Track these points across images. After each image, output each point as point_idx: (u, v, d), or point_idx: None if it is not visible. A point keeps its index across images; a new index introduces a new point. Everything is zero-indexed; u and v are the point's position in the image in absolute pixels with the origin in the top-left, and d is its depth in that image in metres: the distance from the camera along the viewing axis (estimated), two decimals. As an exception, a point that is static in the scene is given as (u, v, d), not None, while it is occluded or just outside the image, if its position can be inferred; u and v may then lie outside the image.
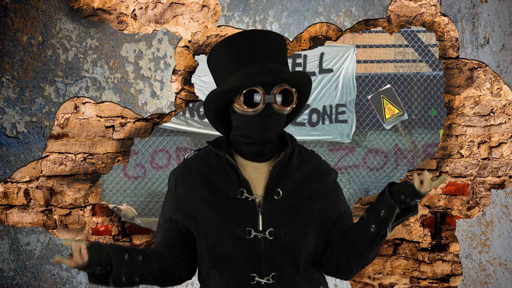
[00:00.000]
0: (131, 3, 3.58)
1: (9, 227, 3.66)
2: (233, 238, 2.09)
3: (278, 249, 2.09)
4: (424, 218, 3.72)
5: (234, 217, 2.10)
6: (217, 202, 2.12)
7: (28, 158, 3.61)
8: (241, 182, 2.11)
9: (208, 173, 2.15)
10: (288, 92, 2.08)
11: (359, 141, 8.57)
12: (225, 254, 2.10)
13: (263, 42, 2.09)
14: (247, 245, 2.08)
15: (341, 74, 8.15)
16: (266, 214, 2.10)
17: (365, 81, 8.50)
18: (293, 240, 2.10)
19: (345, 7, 3.60)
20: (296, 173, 2.15)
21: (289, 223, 2.10)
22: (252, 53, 2.07)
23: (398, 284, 3.76)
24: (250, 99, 2.05)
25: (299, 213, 2.12)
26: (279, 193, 2.11)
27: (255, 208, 2.10)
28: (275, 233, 2.09)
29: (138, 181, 8.14)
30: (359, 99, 8.39)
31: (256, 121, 2.07)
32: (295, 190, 2.14)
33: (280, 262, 2.10)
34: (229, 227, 2.09)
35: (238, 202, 2.10)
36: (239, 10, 3.60)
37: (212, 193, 2.12)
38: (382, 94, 8.15)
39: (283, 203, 2.11)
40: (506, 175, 3.62)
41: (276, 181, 2.13)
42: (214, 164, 2.16)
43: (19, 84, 3.58)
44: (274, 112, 2.07)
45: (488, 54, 3.58)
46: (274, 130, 2.10)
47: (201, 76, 7.51)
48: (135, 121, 3.65)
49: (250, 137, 2.11)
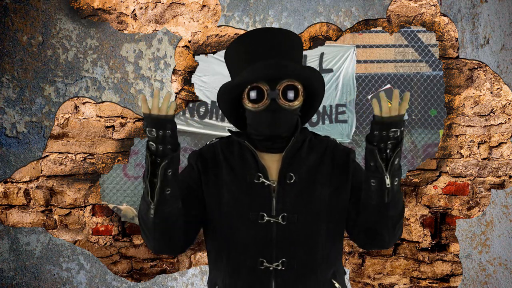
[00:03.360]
0: (131, 3, 3.58)
1: (9, 227, 3.65)
2: (246, 222, 2.10)
3: (291, 235, 2.09)
4: (424, 218, 3.72)
5: (249, 201, 2.11)
6: (234, 185, 2.13)
7: (28, 158, 3.61)
8: (259, 167, 2.13)
9: (230, 157, 2.17)
10: (293, 87, 2.09)
11: (359, 141, 8.57)
12: (235, 238, 2.11)
13: (276, 40, 2.11)
14: (259, 229, 2.09)
15: (341, 74, 8.15)
16: (280, 199, 2.10)
17: (365, 81, 8.50)
18: (307, 226, 2.10)
19: (345, 7, 3.60)
20: (307, 158, 2.16)
21: (303, 207, 2.11)
22: (263, 50, 2.09)
23: (398, 284, 3.76)
24: (254, 95, 2.09)
25: (313, 197, 2.12)
26: (292, 177, 2.12)
27: (270, 193, 2.11)
28: (288, 218, 2.09)
29: (138, 181, 8.14)
30: (359, 99, 8.39)
31: (263, 116, 2.10)
32: (308, 174, 2.14)
33: (292, 248, 2.10)
34: (243, 210, 2.10)
35: (254, 186, 2.12)
36: (239, 10, 3.60)
37: (231, 177, 2.14)
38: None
39: (296, 187, 2.12)
40: (506, 175, 3.62)
41: (289, 166, 2.14)
42: (236, 150, 2.19)
43: (19, 84, 3.58)
44: (281, 108, 2.09)
45: (488, 54, 3.58)
46: (283, 125, 2.11)
47: (201, 76, 7.51)
48: (135, 121, 3.65)
49: (261, 132, 2.13)
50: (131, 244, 3.72)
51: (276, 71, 2.07)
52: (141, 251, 3.72)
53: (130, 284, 3.72)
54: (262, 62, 2.07)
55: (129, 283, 3.72)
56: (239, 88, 2.11)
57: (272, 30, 2.17)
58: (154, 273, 3.73)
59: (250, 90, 2.09)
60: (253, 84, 2.09)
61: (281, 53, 2.10)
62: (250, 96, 2.09)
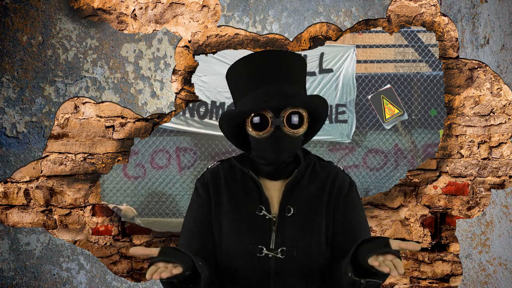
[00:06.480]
0: (131, 3, 3.58)
1: (9, 227, 3.65)
2: (245, 254, 2.09)
3: (289, 268, 2.09)
4: (424, 218, 3.72)
5: (249, 233, 2.10)
6: (235, 215, 2.13)
7: (28, 158, 3.61)
8: (262, 199, 2.12)
9: (233, 186, 2.17)
10: (297, 115, 2.07)
11: (359, 141, 8.57)
12: (234, 267, 2.11)
13: (280, 64, 2.09)
14: (257, 262, 2.09)
15: (341, 74, 8.14)
16: (280, 233, 2.10)
17: (365, 81, 8.50)
18: (305, 259, 2.09)
19: (345, 7, 3.60)
20: (308, 188, 2.15)
21: (302, 241, 2.10)
22: (266, 75, 2.07)
23: (398, 284, 3.76)
24: (258, 122, 2.07)
25: (311, 229, 2.11)
26: (290, 210, 2.11)
27: (270, 226, 2.11)
28: (287, 252, 2.08)
29: (138, 181, 8.14)
30: (359, 99, 8.39)
31: (268, 143, 2.08)
32: (307, 204, 2.13)
33: (289, 281, 2.09)
34: (243, 242, 2.10)
35: (255, 218, 2.11)
36: (239, 10, 3.60)
37: (232, 206, 2.14)
38: (382, 94, 8.15)
39: (295, 220, 2.11)
40: (506, 175, 3.62)
41: (288, 199, 2.13)
42: (238, 178, 2.18)
43: (19, 84, 3.58)
44: (285, 135, 2.07)
45: (488, 54, 3.58)
46: (287, 152, 2.10)
47: (201, 76, 7.51)
48: (135, 121, 3.65)
49: (265, 158, 2.12)
50: (131, 244, 3.72)
51: (280, 101, 2.04)
52: (141, 251, 3.72)
53: (130, 284, 3.72)
54: (266, 89, 2.04)
55: (129, 283, 3.72)
56: (244, 115, 2.09)
57: (275, 53, 2.14)
58: (154, 273, 3.72)
59: (254, 117, 2.07)
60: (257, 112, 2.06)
61: (285, 78, 2.07)
62: (254, 123, 2.07)
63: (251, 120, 2.07)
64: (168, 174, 8.16)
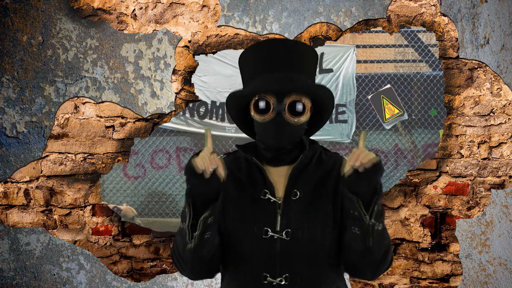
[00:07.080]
0: (131, 3, 3.58)
1: (9, 227, 3.65)
2: (250, 237, 2.10)
3: (294, 250, 2.09)
4: (424, 218, 3.72)
5: (254, 217, 2.12)
6: (240, 201, 2.14)
7: (28, 158, 3.61)
8: (267, 184, 2.14)
9: (238, 174, 2.18)
10: (300, 103, 2.09)
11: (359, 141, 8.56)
12: (240, 252, 2.12)
13: (290, 51, 2.10)
14: (263, 244, 2.09)
15: (341, 74, 8.15)
16: (285, 215, 2.11)
17: (365, 81, 8.50)
18: (310, 242, 2.10)
19: (345, 7, 3.60)
20: (314, 174, 2.16)
21: (307, 224, 2.11)
22: (276, 61, 2.09)
23: (398, 284, 3.76)
24: (260, 106, 2.09)
25: (317, 213, 2.12)
26: (296, 193, 2.12)
27: (275, 209, 2.12)
28: (292, 234, 2.09)
29: (138, 181, 8.14)
30: (359, 99, 8.39)
31: (268, 128, 2.10)
32: (313, 190, 2.14)
33: (295, 264, 2.10)
34: (248, 225, 2.11)
35: (260, 202, 2.12)
36: (239, 10, 3.60)
37: (237, 193, 2.15)
38: (382, 94, 8.15)
39: (301, 204, 2.12)
40: (506, 175, 3.62)
41: (295, 183, 2.14)
42: (243, 166, 2.20)
43: (19, 84, 3.58)
44: (286, 122, 2.09)
45: (488, 54, 3.58)
46: (286, 139, 2.12)
47: (201, 76, 7.51)
48: (135, 121, 3.65)
49: (265, 143, 2.14)
50: (131, 244, 3.72)
51: (283, 85, 2.06)
52: (141, 251, 3.73)
53: (130, 284, 3.72)
54: (272, 74, 2.07)
55: (129, 283, 3.72)
56: (246, 98, 2.12)
57: (287, 42, 2.16)
58: (154, 273, 3.73)
59: (257, 101, 2.09)
60: (260, 95, 2.09)
61: (293, 66, 2.09)
62: (256, 106, 2.10)
63: (254, 104, 2.10)
64: (168, 174, 8.16)
